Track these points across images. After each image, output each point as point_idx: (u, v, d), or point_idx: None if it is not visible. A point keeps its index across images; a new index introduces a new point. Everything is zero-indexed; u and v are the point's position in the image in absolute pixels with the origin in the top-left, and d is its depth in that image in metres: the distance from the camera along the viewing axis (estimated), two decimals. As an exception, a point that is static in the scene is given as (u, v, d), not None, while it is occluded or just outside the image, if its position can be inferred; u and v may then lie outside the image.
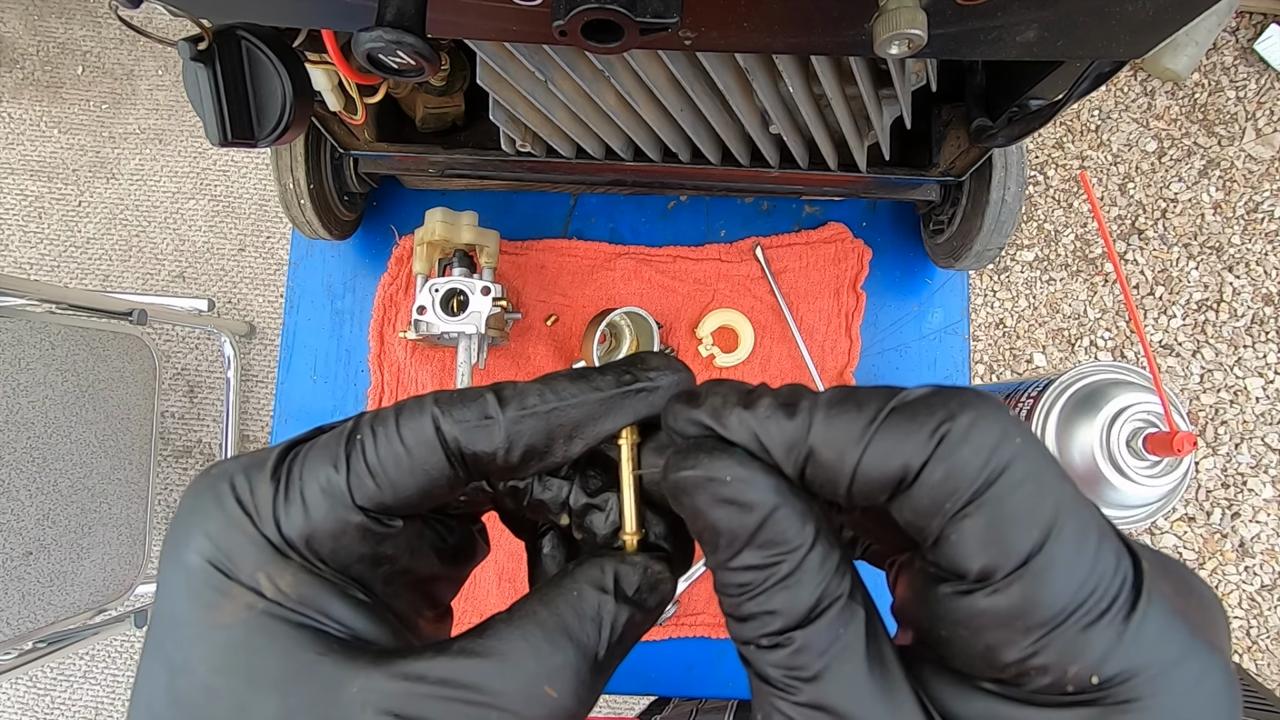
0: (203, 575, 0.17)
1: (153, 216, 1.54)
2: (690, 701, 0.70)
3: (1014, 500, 0.14)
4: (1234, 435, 1.47)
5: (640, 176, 0.64)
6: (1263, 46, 1.54)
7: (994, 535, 0.14)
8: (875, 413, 0.15)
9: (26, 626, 0.97)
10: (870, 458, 0.15)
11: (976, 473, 0.14)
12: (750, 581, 0.15)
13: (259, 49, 0.40)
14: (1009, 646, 0.14)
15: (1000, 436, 0.14)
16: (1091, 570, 0.14)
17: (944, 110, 0.60)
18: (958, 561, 0.14)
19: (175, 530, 0.17)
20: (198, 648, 0.16)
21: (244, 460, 0.18)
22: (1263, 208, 1.53)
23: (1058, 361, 1.52)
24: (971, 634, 0.15)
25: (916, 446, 0.14)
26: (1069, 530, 0.14)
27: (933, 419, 0.14)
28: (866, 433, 0.15)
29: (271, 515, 0.17)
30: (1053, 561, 0.14)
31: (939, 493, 0.14)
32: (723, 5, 0.32)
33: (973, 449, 0.14)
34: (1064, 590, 0.14)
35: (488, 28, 0.34)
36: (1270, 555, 1.45)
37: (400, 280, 0.73)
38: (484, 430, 0.17)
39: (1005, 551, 0.14)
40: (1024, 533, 0.14)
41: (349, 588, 0.18)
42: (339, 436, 0.18)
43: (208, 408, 1.50)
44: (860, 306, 0.73)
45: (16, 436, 0.95)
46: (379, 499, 0.17)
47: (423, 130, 0.64)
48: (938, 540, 0.15)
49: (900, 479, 0.14)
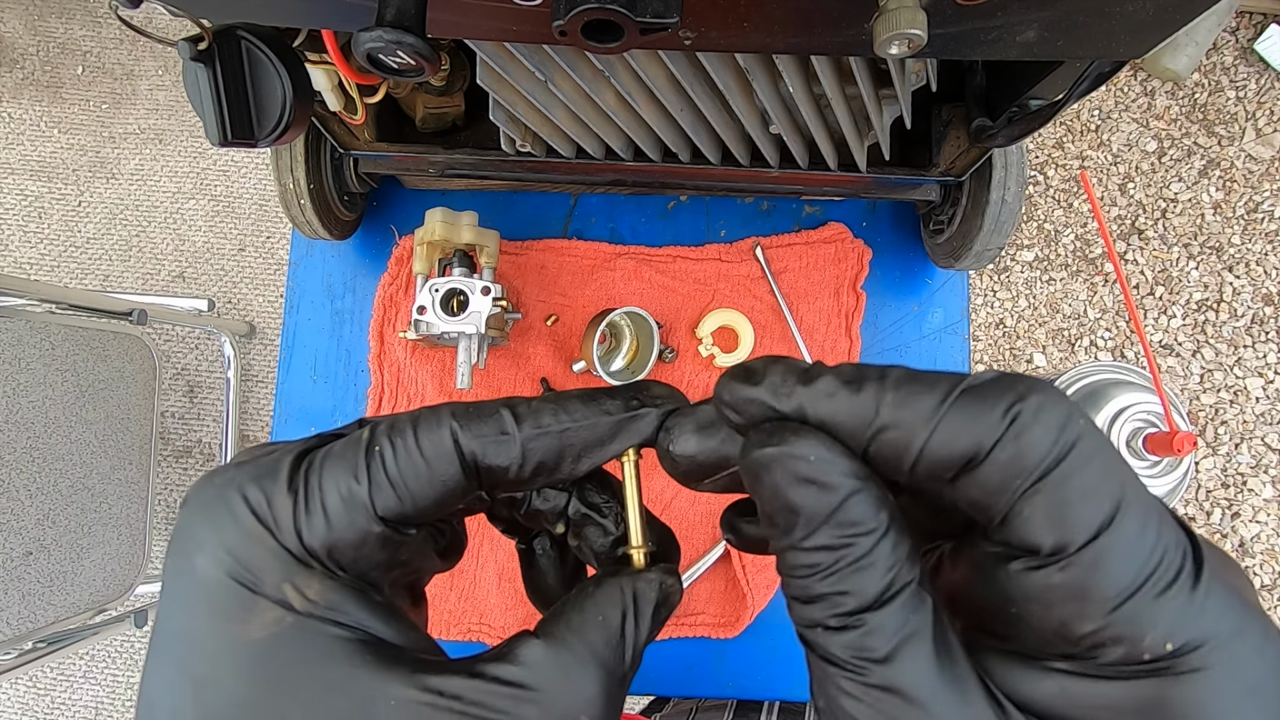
0: (224, 589, 0.17)
1: (153, 216, 1.54)
2: (689, 700, 0.70)
3: (1084, 476, 0.14)
4: (1234, 435, 1.47)
5: (640, 176, 0.64)
6: (1263, 46, 1.54)
7: (1066, 510, 0.14)
8: (946, 393, 0.15)
9: (26, 626, 0.97)
10: (941, 436, 0.15)
11: (1047, 450, 0.14)
12: (821, 562, 0.16)
13: (259, 49, 0.40)
14: (1084, 619, 0.14)
15: (1067, 417, 0.15)
16: (1158, 542, 0.14)
17: (944, 110, 0.60)
18: (1030, 537, 0.15)
19: (183, 542, 0.17)
20: (226, 661, 0.16)
21: (249, 470, 0.18)
22: (1263, 208, 1.53)
23: (1058, 361, 1.52)
24: (1045, 609, 0.15)
25: (989, 426, 0.15)
26: (1135, 505, 0.14)
27: (1003, 400, 0.15)
28: (938, 412, 0.15)
29: (293, 527, 0.17)
30: (1123, 534, 0.14)
31: (1010, 470, 0.14)
32: (723, 5, 0.32)
33: (1043, 428, 0.14)
34: (1135, 561, 0.14)
35: (488, 28, 0.34)
36: (1270, 555, 1.45)
37: (400, 280, 0.73)
38: (501, 445, 0.18)
39: (1078, 525, 0.14)
40: (1095, 506, 0.14)
41: (367, 591, 0.18)
42: (356, 446, 0.18)
43: (208, 408, 1.50)
44: (860, 306, 0.73)
45: (16, 436, 0.94)
46: (399, 510, 0.18)
47: (423, 130, 0.64)
48: (1006, 518, 0.15)
49: (970, 458, 0.15)
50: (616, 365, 0.71)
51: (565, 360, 0.72)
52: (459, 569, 0.70)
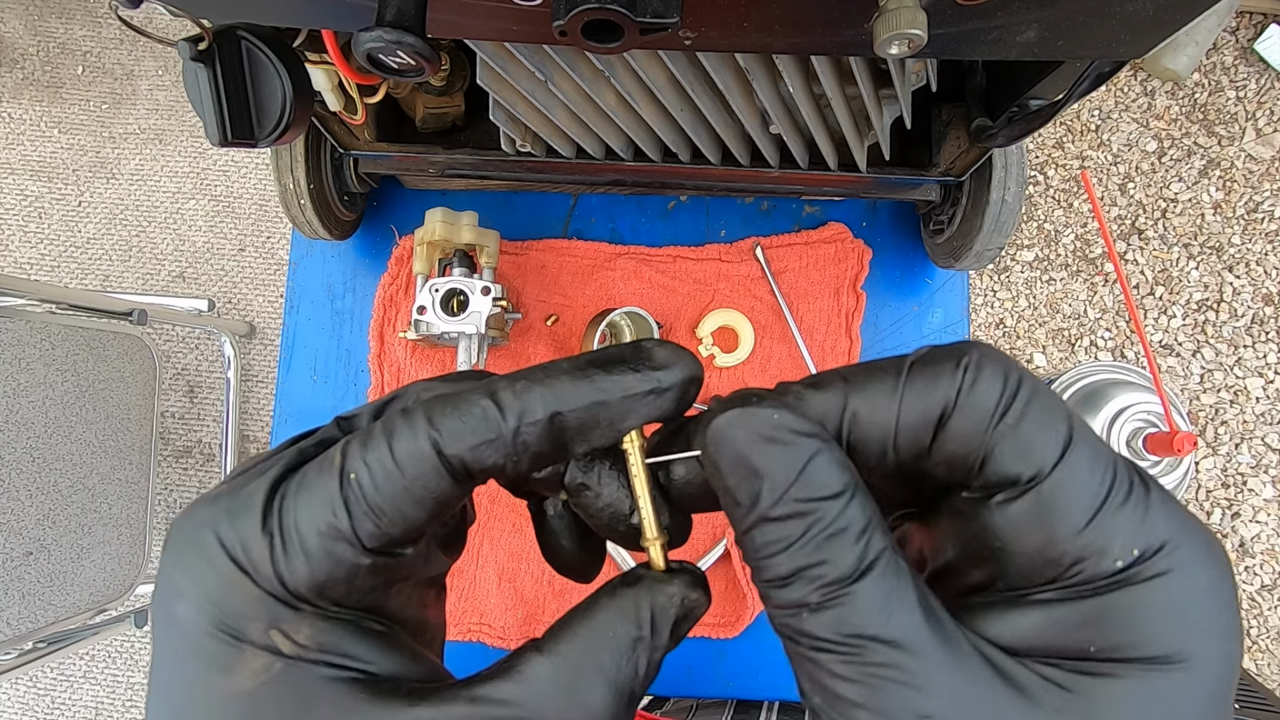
0: (208, 641, 0.16)
1: (153, 216, 1.54)
2: (688, 699, 0.70)
3: (1039, 405, 0.16)
4: (1234, 435, 1.47)
5: (640, 176, 0.64)
6: (1263, 46, 1.54)
7: (1031, 441, 0.15)
8: (900, 369, 0.16)
9: (26, 626, 0.97)
10: (909, 403, 0.16)
11: (1000, 390, 0.16)
12: (791, 533, 0.15)
13: (259, 49, 0.40)
14: (1065, 537, 0.15)
15: (1005, 364, 0.16)
16: (1109, 461, 0.16)
17: (944, 110, 0.60)
18: (1008, 468, 0.16)
19: (164, 589, 0.17)
20: (217, 715, 0.16)
21: (224, 504, 0.17)
22: (1263, 208, 1.53)
23: (1058, 361, 1.52)
24: (1028, 533, 0.16)
25: (948, 382, 0.16)
26: (1084, 433, 0.16)
27: (951, 360, 0.16)
28: (898, 385, 0.16)
29: (272, 572, 0.16)
30: (1082, 455, 0.15)
31: (978, 414, 0.16)
32: (723, 5, 0.32)
33: (991, 373, 0.16)
34: (1095, 477, 0.15)
35: (488, 28, 0.34)
36: (1270, 555, 1.45)
37: (400, 280, 0.73)
38: (491, 446, 0.17)
39: (1044, 452, 0.15)
40: (1054, 435, 0.16)
41: (364, 620, 0.17)
42: (329, 473, 0.16)
43: (208, 408, 1.50)
44: (860, 306, 0.73)
45: (16, 436, 0.94)
46: (388, 536, 0.16)
47: (423, 130, 0.64)
48: (984, 461, 0.16)
49: (940, 415, 0.16)
50: (616, 365, 0.71)
51: (565, 360, 0.72)
52: (459, 569, 0.70)
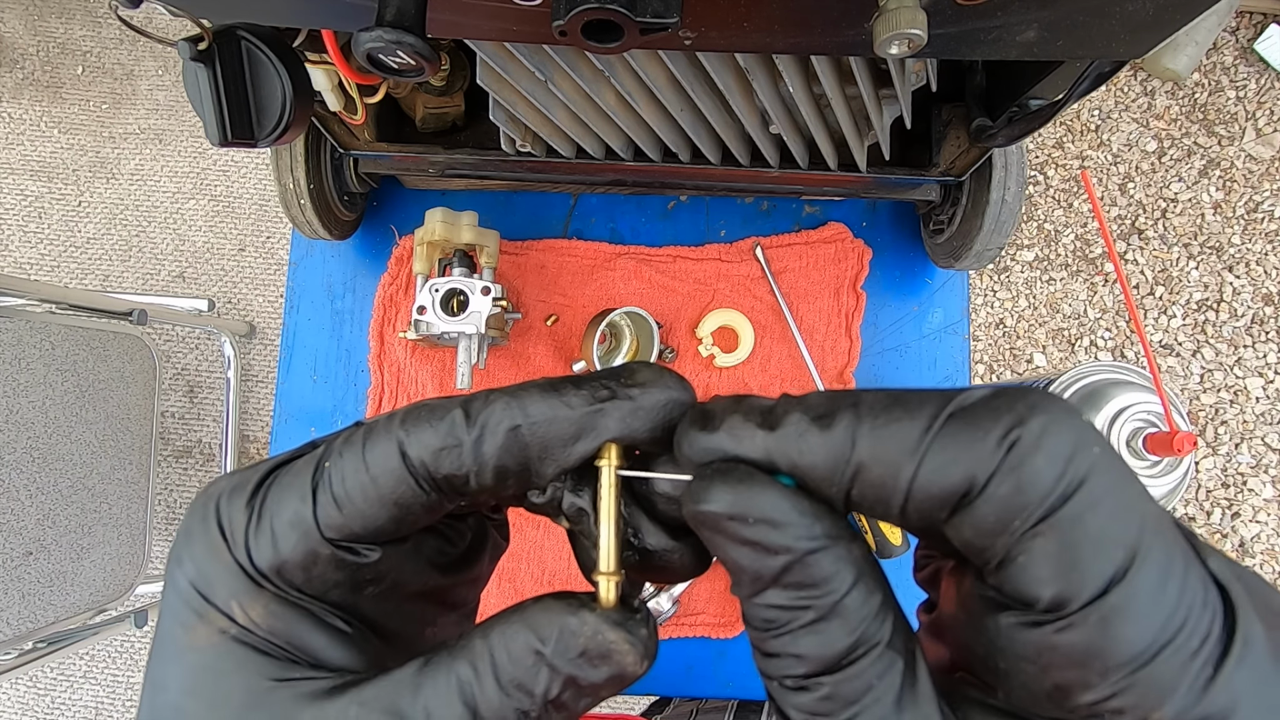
0: (186, 597, 0.17)
1: (153, 216, 1.54)
2: (690, 701, 0.70)
3: (1093, 519, 0.12)
4: (1234, 435, 1.47)
5: (640, 176, 0.64)
6: (1263, 46, 1.54)
7: (1070, 559, 0.12)
8: (931, 418, 0.13)
9: (26, 626, 0.97)
10: (928, 470, 0.13)
11: (1051, 486, 0.12)
12: (775, 620, 0.14)
13: (259, 49, 0.40)
14: (1083, 688, 0.12)
15: (1076, 445, 0.12)
16: (1179, 603, 0.12)
17: (944, 110, 0.60)
18: (1026, 587, 0.13)
19: (172, 548, 0.18)
20: (173, 667, 0.17)
21: (235, 479, 0.17)
22: (1263, 208, 1.53)
23: (1058, 361, 1.52)
24: (1039, 671, 0.13)
25: (982, 455, 0.12)
26: (1154, 555, 0.12)
27: (999, 424, 0.13)
28: (923, 441, 0.13)
29: (244, 544, 0.16)
30: (1136, 592, 0.12)
31: (1007, 509, 0.12)
32: (723, 5, 0.32)
33: (1046, 458, 0.12)
34: (1150, 625, 0.12)
35: (488, 28, 0.34)
36: (1270, 555, 1.45)
37: (400, 280, 0.73)
38: (450, 454, 0.16)
39: (1083, 578, 0.12)
40: (1104, 557, 0.12)
41: (327, 615, 0.17)
42: (310, 463, 0.17)
43: (208, 408, 1.50)
44: (860, 306, 0.73)
45: (16, 436, 0.94)
46: (348, 530, 0.16)
47: (423, 130, 0.64)
48: (1003, 563, 0.13)
49: (963, 493, 0.13)
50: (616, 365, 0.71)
51: (565, 360, 0.72)
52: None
